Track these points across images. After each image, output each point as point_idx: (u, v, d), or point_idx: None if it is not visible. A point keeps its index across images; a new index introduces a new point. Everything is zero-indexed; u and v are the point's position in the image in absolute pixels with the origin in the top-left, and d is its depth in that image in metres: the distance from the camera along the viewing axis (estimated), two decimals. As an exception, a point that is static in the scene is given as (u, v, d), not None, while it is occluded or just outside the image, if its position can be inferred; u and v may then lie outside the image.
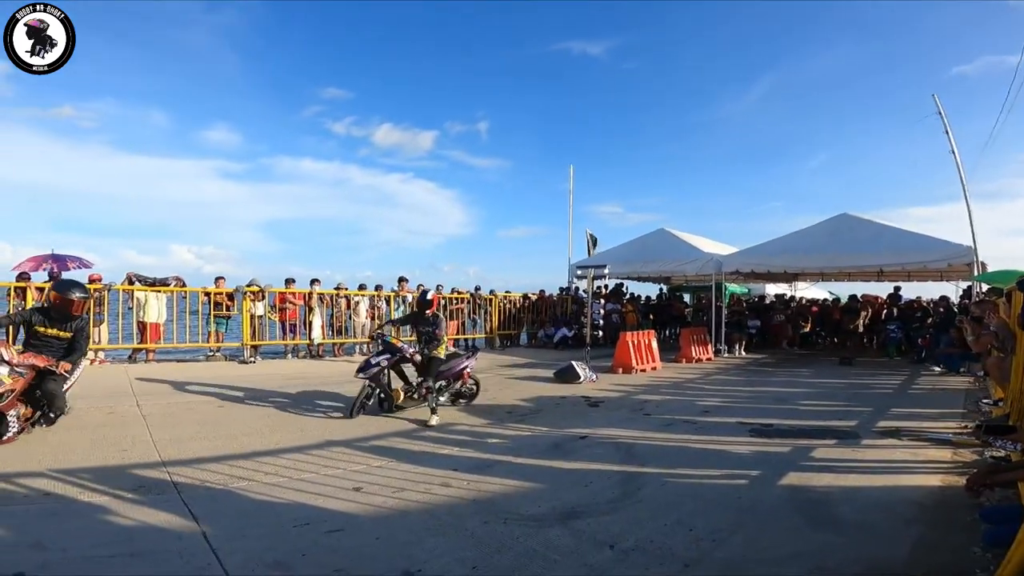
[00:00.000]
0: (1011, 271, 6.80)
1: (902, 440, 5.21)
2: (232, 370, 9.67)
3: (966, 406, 6.90)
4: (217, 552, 2.91)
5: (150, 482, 3.99)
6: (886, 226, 12.53)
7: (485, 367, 10.97)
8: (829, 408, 7.00)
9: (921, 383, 9.19)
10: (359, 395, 6.28)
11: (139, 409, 6.34)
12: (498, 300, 15.09)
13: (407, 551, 2.97)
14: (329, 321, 11.92)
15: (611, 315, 15.36)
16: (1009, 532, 2.32)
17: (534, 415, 6.64)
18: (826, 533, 3.12)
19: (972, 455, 4.58)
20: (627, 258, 15.65)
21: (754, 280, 17.57)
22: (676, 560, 2.83)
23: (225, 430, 5.54)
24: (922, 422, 5.97)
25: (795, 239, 13.39)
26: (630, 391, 8.41)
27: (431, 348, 6.55)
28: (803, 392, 8.40)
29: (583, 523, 3.35)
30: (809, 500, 3.67)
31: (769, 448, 5.06)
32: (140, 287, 10.04)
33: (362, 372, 6.35)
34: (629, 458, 4.78)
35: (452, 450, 5.04)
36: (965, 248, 10.95)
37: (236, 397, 7.17)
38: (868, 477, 4.19)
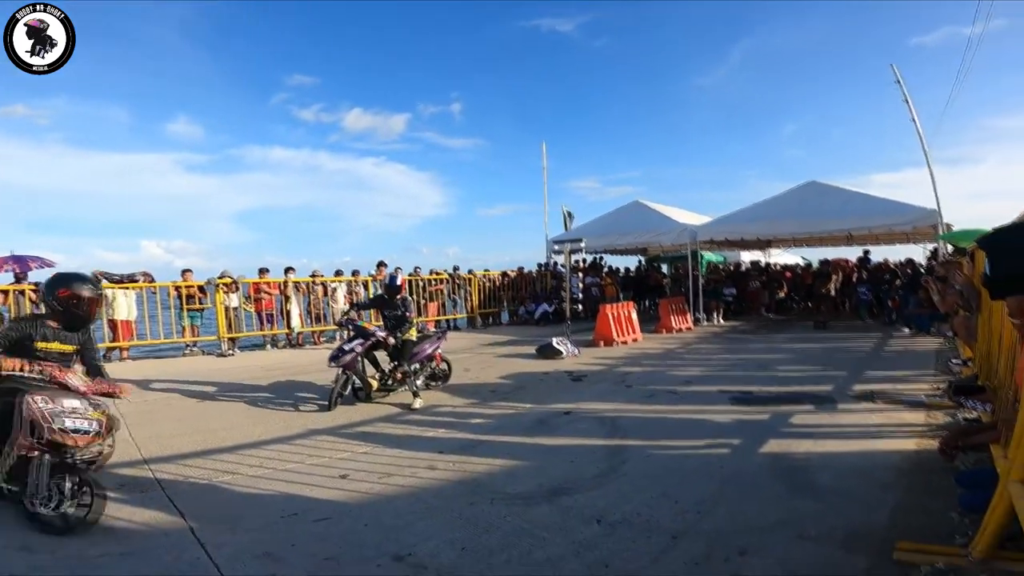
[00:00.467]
0: (974, 230, 6.96)
1: (876, 403, 5.34)
2: (210, 364, 9.52)
3: (937, 367, 7.11)
4: (206, 547, 2.90)
5: (133, 480, 3.95)
6: (853, 192, 12.93)
7: (467, 346, 10.98)
8: (806, 373, 7.17)
9: (893, 345, 9.44)
10: (335, 386, 6.10)
11: (116, 408, 6.16)
12: (477, 279, 15.04)
13: (396, 535, 2.99)
14: (307, 309, 11.77)
15: (591, 288, 15.43)
16: (984, 497, 2.37)
17: (517, 392, 6.67)
18: (807, 500, 3.19)
19: (945, 417, 4.72)
20: (603, 231, 15.71)
21: (729, 248, 17.81)
22: (663, 532, 2.88)
23: (206, 425, 5.46)
24: (895, 384, 6.13)
25: (767, 207, 13.62)
26: (612, 364, 8.49)
27: (403, 331, 6.47)
28: (780, 358, 8.58)
29: (570, 499, 3.40)
30: (789, 468, 3.75)
31: (749, 416, 5.17)
32: (107, 284, 9.75)
33: (335, 361, 6.11)
34: (613, 431, 4.84)
35: (437, 432, 5.04)
36: (929, 211, 11.25)
37: (216, 391, 7.06)
38: (845, 442, 4.29)
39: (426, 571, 2.62)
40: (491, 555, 2.73)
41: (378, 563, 2.71)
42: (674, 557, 2.62)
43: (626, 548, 2.74)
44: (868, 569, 2.39)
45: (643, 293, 17.31)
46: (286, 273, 11.58)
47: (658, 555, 2.64)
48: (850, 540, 2.67)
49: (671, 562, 2.57)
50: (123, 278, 10.09)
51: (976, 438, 2.73)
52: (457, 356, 9.72)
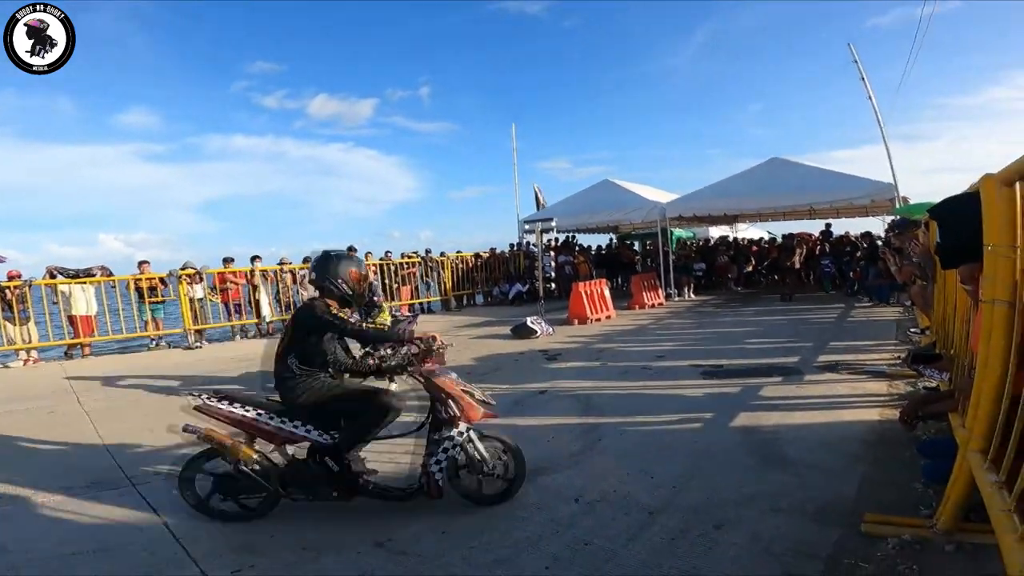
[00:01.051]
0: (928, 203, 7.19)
1: (841, 374, 5.51)
2: (177, 357, 9.28)
3: (897, 336, 7.37)
4: (182, 541, 2.87)
5: (103, 478, 3.87)
6: (813, 167, 13.29)
7: (441, 329, 10.85)
8: (773, 345, 7.37)
9: (855, 315, 9.75)
10: None
11: (81, 406, 6.04)
12: (449, 261, 14.93)
13: (376, 522, 2.98)
14: (276, 297, 11.53)
15: (563, 267, 15.49)
16: (946, 467, 2.40)
17: (493, 374, 6.69)
18: (778, 473, 3.28)
19: (906, 386, 4.89)
20: (574, 211, 15.76)
21: (697, 224, 18.08)
22: (641, 509, 2.94)
23: (176, 419, 5.32)
24: (858, 355, 6.34)
25: (732, 183, 13.88)
26: (586, 341, 8.58)
27: (373, 316, 6.36)
28: (749, 331, 8.79)
29: (547, 479, 3.43)
30: (761, 441, 3.85)
31: (720, 389, 5.29)
32: (63, 280, 9.39)
33: None
34: (588, 409, 4.90)
35: (412, 416, 5.01)
36: (886, 184, 11.61)
37: (184, 385, 6.88)
38: (812, 414, 4.40)
39: (407, 556, 2.62)
40: (472, 538, 2.75)
41: (359, 550, 2.70)
42: (652, 533, 2.68)
43: (605, 525, 2.79)
44: (838, 541, 2.46)
45: (616, 270, 17.48)
46: (253, 262, 11.29)
47: (636, 531, 2.70)
48: (820, 513, 2.74)
49: (649, 538, 2.63)
50: (79, 272, 9.72)
51: (935, 407, 2.81)
52: (432, 340, 9.70)
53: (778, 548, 2.44)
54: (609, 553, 2.52)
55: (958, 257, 2.33)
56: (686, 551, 2.49)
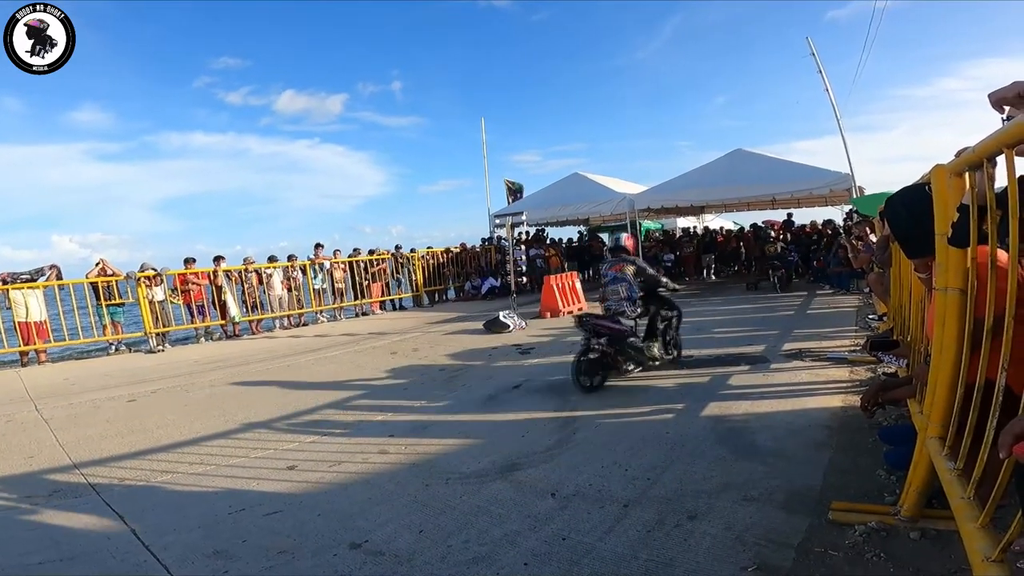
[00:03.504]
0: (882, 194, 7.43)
1: (805, 361, 5.67)
2: (138, 361, 8.98)
3: (857, 323, 7.60)
4: (151, 548, 2.79)
5: (65, 486, 3.75)
6: (775, 158, 13.70)
7: (414, 326, 10.86)
8: (741, 334, 7.54)
9: (817, 304, 10.00)
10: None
11: (39, 413, 5.81)
12: (419, 257, 14.80)
13: (351, 523, 2.95)
14: (242, 298, 11.24)
15: (535, 260, 15.54)
16: (908, 453, 2.45)
17: (467, 370, 6.67)
18: (749, 462, 3.35)
19: (867, 372, 5.06)
20: (544, 204, 15.83)
21: (666, 215, 18.35)
22: (616, 502, 2.97)
23: (139, 424, 5.18)
24: (821, 342, 6.53)
25: (698, 175, 14.14)
26: (559, 334, 8.62)
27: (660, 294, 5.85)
28: (717, 320, 8.97)
29: (523, 474, 3.45)
30: (731, 430, 3.93)
31: (690, 379, 5.39)
32: (15, 286, 8.97)
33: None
34: (562, 403, 4.93)
35: (386, 416, 4.98)
36: (843, 175, 12.01)
37: (146, 389, 6.67)
38: (779, 402, 4.51)
39: (384, 557, 2.60)
40: (449, 536, 2.74)
41: (334, 552, 2.66)
42: (628, 525, 2.71)
43: (581, 520, 2.81)
44: (808, 529, 2.52)
45: (587, 263, 17.62)
46: (216, 262, 10.98)
47: (612, 524, 2.73)
48: (790, 501, 2.81)
49: (625, 530, 2.67)
50: (32, 275, 9.29)
51: (894, 393, 2.88)
52: (405, 336, 9.63)
53: (751, 537, 2.50)
54: (586, 547, 2.55)
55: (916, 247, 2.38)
56: (662, 542, 2.53)
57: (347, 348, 8.92)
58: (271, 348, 9.46)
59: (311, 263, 12.30)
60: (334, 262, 12.76)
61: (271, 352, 8.99)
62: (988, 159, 1.63)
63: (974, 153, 1.70)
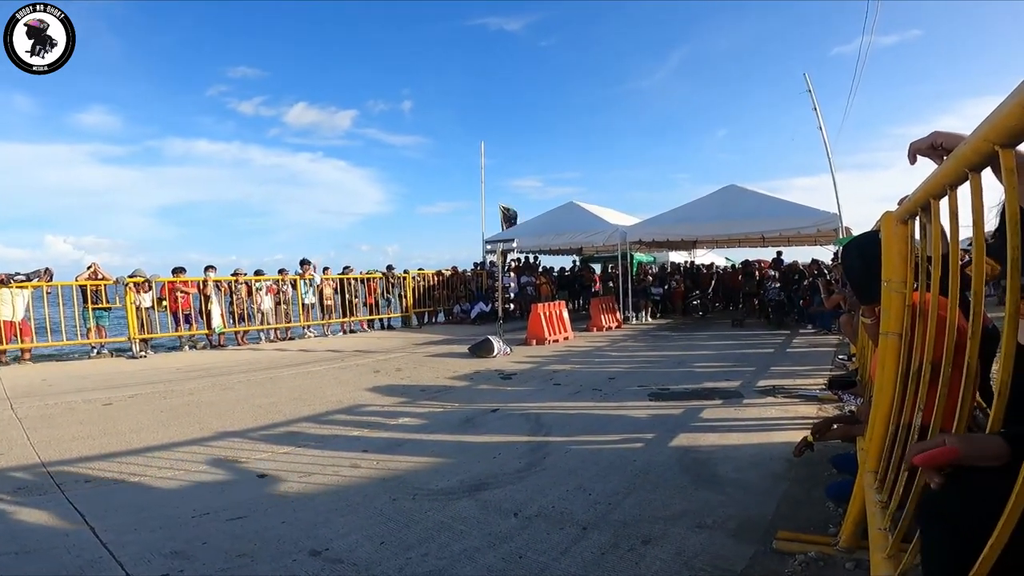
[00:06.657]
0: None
1: (777, 398, 5.76)
2: (119, 366, 8.97)
3: (833, 363, 7.74)
4: (108, 546, 2.82)
5: (30, 484, 3.76)
6: (766, 196, 13.92)
7: (400, 346, 10.90)
8: (720, 369, 7.64)
9: (798, 343, 10.17)
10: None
11: (13, 412, 5.81)
12: (411, 278, 14.91)
13: (314, 532, 2.98)
14: (229, 309, 11.29)
15: (526, 287, 15.68)
16: (848, 486, 2.52)
17: (447, 391, 6.71)
18: (708, 491, 3.42)
19: (834, 410, 5.13)
20: (539, 231, 16.04)
21: (657, 248, 18.60)
22: (575, 524, 3.03)
23: (112, 427, 5.19)
24: (796, 380, 6.64)
25: (690, 209, 14.37)
26: (542, 362, 8.70)
27: None
28: (699, 355, 9.08)
29: (490, 494, 3.49)
30: (696, 460, 4.00)
31: (663, 411, 5.46)
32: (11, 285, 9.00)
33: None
34: (537, 428, 4.99)
35: (362, 431, 5.02)
36: (831, 215, 12.21)
37: (124, 394, 6.66)
38: (746, 435, 4.59)
39: (343, 565, 2.64)
40: (409, 549, 2.78)
41: (294, 558, 2.70)
42: (583, 547, 2.76)
43: (540, 540, 2.86)
44: (752, 557, 2.59)
45: (577, 291, 17.78)
46: (206, 272, 11.05)
47: (569, 545, 2.78)
48: (741, 529, 2.88)
49: (580, 551, 2.72)
50: (29, 277, 9.33)
51: (836, 431, 2.97)
52: (390, 356, 9.68)
53: (698, 563, 2.56)
54: (541, 566, 2.60)
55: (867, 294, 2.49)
56: (614, 564, 2.59)
57: (331, 364, 8.95)
58: (254, 360, 9.48)
59: (299, 278, 12.38)
60: (324, 278, 12.85)
61: (254, 364, 9.00)
62: (922, 209, 1.74)
63: (911, 202, 1.82)
